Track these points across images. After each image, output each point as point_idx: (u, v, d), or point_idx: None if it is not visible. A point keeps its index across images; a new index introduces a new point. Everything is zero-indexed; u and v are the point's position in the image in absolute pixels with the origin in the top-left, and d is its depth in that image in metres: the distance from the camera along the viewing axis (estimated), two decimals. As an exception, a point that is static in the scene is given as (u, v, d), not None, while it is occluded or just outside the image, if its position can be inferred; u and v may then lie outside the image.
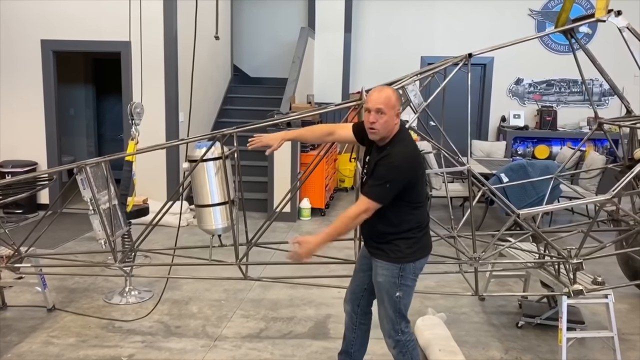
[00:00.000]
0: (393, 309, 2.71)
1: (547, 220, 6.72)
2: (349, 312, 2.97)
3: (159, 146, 3.74)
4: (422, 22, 9.63)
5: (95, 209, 3.44)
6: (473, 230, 3.29)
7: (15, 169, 6.72)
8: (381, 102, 2.52)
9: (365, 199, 2.54)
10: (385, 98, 2.52)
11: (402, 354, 2.77)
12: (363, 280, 2.89)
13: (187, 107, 6.62)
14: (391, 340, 2.76)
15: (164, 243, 5.58)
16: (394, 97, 2.56)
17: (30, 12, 6.77)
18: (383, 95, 2.53)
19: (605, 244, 3.57)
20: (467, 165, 3.17)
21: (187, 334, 3.79)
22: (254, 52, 10.10)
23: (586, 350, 3.64)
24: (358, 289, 2.92)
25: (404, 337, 2.75)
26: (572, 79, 9.47)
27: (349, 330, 2.99)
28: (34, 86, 6.88)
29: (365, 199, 2.54)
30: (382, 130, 2.55)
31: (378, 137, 2.59)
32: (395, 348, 2.76)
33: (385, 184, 2.52)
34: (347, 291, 2.98)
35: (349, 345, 3.01)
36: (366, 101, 2.59)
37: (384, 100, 2.52)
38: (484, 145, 8.53)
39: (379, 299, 2.76)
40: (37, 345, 3.59)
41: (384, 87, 2.64)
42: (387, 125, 2.55)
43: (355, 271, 2.95)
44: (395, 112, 2.56)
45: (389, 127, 2.56)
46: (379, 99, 2.53)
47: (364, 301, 2.93)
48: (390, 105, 2.52)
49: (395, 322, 2.73)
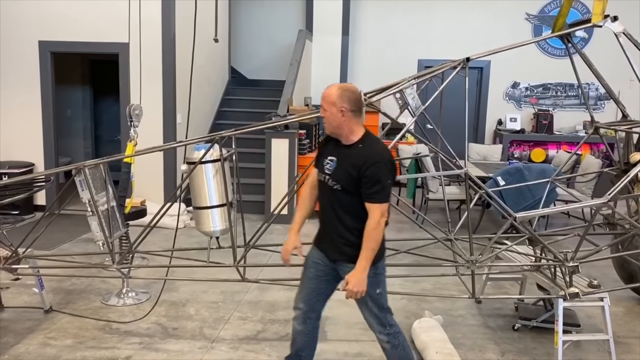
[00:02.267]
0: (377, 306, 2.76)
1: (543, 224, 6.75)
2: (301, 317, 2.92)
3: (158, 148, 3.75)
4: (419, 25, 9.67)
5: (93, 210, 3.44)
6: (470, 233, 3.31)
7: (12, 170, 6.71)
8: (323, 97, 2.65)
9: (376, 205, 2.58)
10: (324, 95, 2.65)
11: (395, 346, 2.83)
12: (318, 285, 2.87)
13: (184, 109, 6.62)
14: (383, 335, 2.81)
15: (161, 245, 5.58)
16: (334, 95, 2.61)
17: (28, 13, 6.76)
18: (324, 93, 2.66)
19: (601, 247, 3.60)
20: (465, 169, 3.19)
21: (184, 335, 3.79)
22: (252, 54, 10.12)
23: (582, 353, 3.66)
24: (313, 295, 2.89)
25: (392, 329, 2.83)
26: (569, 83, 9.53)
27: (300, 335, 2.96)
28: (31, 87, 6.87)
29: (376, 206, 2.58)
30: (328, 123, 2.65)
31: (329, 130, 2.69)
32: (388, 342, 2.82)
33: (386, 182, 2.59)
34: (298, 299, 2.92)
35: (300, 349, 3.00)
36: None
37: (323, 97, 2.65)
38: (481, 149, 8.57)
39: (360, 302, 2.77)
40: (34, 346, 3.58)
41: (333, 85, 2.70)
42: (331, 120, 2.63)
43: (308, 278, 2.88)
44: (337, 109, 2.60)
45: (334, 121, 2.63)
46: (323, 95, 2.66)
47: (318, 306, 2.93)
48: (330, 102, 2.61)
49: (382, 317, 2.79)
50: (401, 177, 7.73)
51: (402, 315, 4.17)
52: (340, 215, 2.69)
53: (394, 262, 3.77)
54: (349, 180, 2.61)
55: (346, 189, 2.64)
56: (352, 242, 2.67)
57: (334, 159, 2.69)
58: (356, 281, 2.59)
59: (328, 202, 2.74)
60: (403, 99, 3.26)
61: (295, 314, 2.94)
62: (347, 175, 2.62)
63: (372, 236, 2.59)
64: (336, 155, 2.70)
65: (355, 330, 3.92)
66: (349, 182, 2.62)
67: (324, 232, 2.83)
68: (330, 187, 2.69)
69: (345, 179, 2.63)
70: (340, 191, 2.65)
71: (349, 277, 2.61)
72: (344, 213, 2.68)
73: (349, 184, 2.62)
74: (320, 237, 2.87)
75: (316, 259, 2.86)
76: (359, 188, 2.60)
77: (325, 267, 2.83)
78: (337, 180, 2.66)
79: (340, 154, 2.69)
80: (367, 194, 2.59)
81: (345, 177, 2.63)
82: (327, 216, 2.77)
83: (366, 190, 2.59)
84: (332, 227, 2.74)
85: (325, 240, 2.81)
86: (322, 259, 2.83)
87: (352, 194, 2.63)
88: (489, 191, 3.36)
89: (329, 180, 2.69)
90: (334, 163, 2.69)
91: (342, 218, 2.69)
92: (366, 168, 2.56)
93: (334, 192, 2.68)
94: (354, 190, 2.62)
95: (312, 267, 2.87)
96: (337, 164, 2.68)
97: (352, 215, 2.66)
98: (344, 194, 2.65)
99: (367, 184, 2.57)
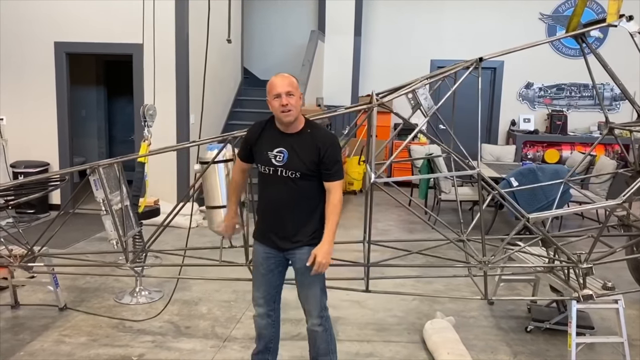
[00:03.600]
0: (321, 287, 2.88)
1: (556, 225, 6.69)
2: (264, 313, 2.98)
3: (171, 148, 3.78)
4: (431, 25, 9.64)
5: (107, 209, 3.47)
6: (483, 234, 3.29)
7: (27, 170, 6.80)
8: (287, 84, 2.70)
9: (338, 182, 2.76)
10: (289, 81, 2.71)
11: (326, 330, 2.93)
12: (274, 279, 2.94)
13: (197, 109, 6.65)
14: (318, 318, 2.90)
15: (173, 244, 5.61)
16: (295, 80, 2.76)
17: (44, 15, 6.85)
18: (287, 80, 2.71)
19: (615, 249, 3.56)
20: (477, 169, 3.17)
21: (196, 334, 3.82)
22: (264, 55, 10.15)
23: (595, 355, 3.63)
24: (272, 289, 2.95)
25: (327, 312, 2.95)
26: (583, 84, 9.45)
27: (267, 329, 3.02)
28: (47, 88, 6.95)
29: (337, 183, 2.76)
30: (295, 110, 2.70)
31: (294, 117, 2.71)
32: (321, 325, 2.91)
33: (341, 160, 2.77)
34: (257, 297, 2.97)
35: (268, 342, 3.06)
36: (271, 89, 2.73)
37: (289, 83, 2.71)
38: (494, 149, 8.52)
39: (307, 284, 2.84)
40: (49, 343, 3.63)
41: (283, 73, 2.79)
42: (298, 104, 2.71)
43: (261, 275, 2.92)
44: (299, 94, 2.74)
45: (299, 106, 2.72)
46: (285, 83, 2.70)
47: (278, 296, 3.01)
48: (295, 87, 2.72)
49: (322, 300, 2.90)
50: (413, 178, 7.76)
51: (414, 316, 4.17)
52: (298, 202, 2.77)
53: (406, 263, 3.77)
54: (309, 165, 2.71)
55: (305, 174, 2.72)
56: (309, 226, 2.79)
57: (283, 149, 2.75)
58: (324, 253, 2.69)
59: (281, 193, 2.78)
60: (415, 99, 3.26)
61: (257, 311, 3.00)
62: (307, 161, 2.71)
63: (337, 209, 2.73)
64: (285, 145, 2.75)
65: (367, 330, 3.92)
66: (309, 167, 2.71)
67: (273, 224, 2.84)
68: (285, 177, 2.74)
69: (304, 165, 2.71)
70: (299, 178, 2.73)
71: (316, 250, 2.70)
72: (301, 199, 2.77)
73: (308, 169, 2.72)
74: (266, 231, 2.89)
75: (265, 253, 2.90)
76: (317, 171, 2.72)
77: (276, 258, 2.89)
78: (295, 169, 2.72)
79: (290, 143, 2.75)
80: (328, 174, 2.73)
81: (304, 164, 2.71)
82: (279, 207, 2.80)
83: (327, 170, 2.73)
84: (287, 216, 2.79)
85: (277, 231, 2.83)
86: (271, 251, 2.88)
87: (309, 178, 2.74)
88: (502, 192, 3.34)
89: (283, 172, 2.74)
90: (284, 154, 2.74)
91: (300, 204, 2.77)
92: (325, 150, 2.70)
93: (290, 180, 2.74)
94: (313, 174, 2.73)
95: (264, 263, 2.91)
96: (289, 154, 2.73)
97: (308, 199, 2.77)
98: (301, 180, 2.73)
99: (328, 164, 2.72)
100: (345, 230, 6.74)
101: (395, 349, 3.67)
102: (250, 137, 2.91)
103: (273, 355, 3.11)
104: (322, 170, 2.72)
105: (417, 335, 3.84)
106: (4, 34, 6.93)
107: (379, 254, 3.68)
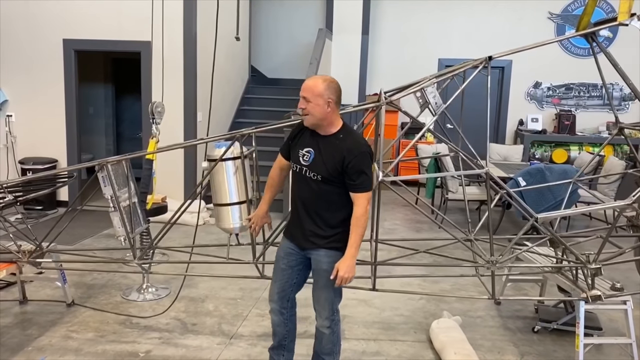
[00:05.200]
0: (336, 292, 2.86)
1: (564, 225, 6.66)
2: (277, 310, 3.00)
3: (179, 145, 3.78)
4: (439, 24, 9.61)
5: (115, 206, 3.48)
6: (490, 234, 3.27)
7: (36, 166, 6.84)
8: (306, 89, 2.67)
9: (363, 194, 2.67)
10: (310, 87, 2.66)
11: (333, 332, 2.92)
12: (291, 276, 2.94)
13: (205, 107, 6.67)
14: (328, 320, 2.89)
15: (180, 241, 5.63)
16: (321, 86, 2.66)
17: (53, 12, 6.88)
18: (309, 84, 2.67)
19: (624, 250, 3.54)
20: (486, 168, 3.16)
21: (203, 331, 3.83)
22: (272, 53, 10.15)
23: (603, 356, 3.61)
24: (287, 286, 2.96)
25: (338, 315, 2.94)
26: (592, 83, 9.39)
27: (280, 327, 3.04)
28: (55, 85, 6.99)
29: (363, 195, 2.67)
30: (312, 114, 2.66)
31: (311, 122, 2.69)
32: (329, 328, 2.90)
33: (369, 172, 2.68)
34: (272, 292, 2.99)
35: (282, 339, 3.07)
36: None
37: (308, 88, 2.66)
38: (501, 149, 8.49)
39: (322, 286, 2.83)
40: (57, 339, 3.65)
41: (318, 76, 2.76)
42: (316, 110, 2.65)
43: (280, 270, 2.95)
44: (324, 101, 2.64)
45: (319, 112, 2.65)
46: (305, 87, 2.68)
47: (292, 295, 3.01)
48: (317, 94, 2.63)
49: (335, 302, 2.89)
50: (420, 177, 7.74)
51: (420, 315, 4.16)
52: (318, 204, 2.75)
53: (413, 262, 3.76)
54: (332, 171, 2.67)
55: (327, 179, 2.69)
56: (326, 230, 2.76)
57: (312, 150, 2.74)
58: (346, 267, 2.66)
59: (304, 192, 2.78)
60: (424, 97, 3.25)
61: (271, 307, 3.02)
62: (329, 166, 2.67)
63: (361, 222, 2.66)
64: (313, 146, 2.74)
65: (373, 329, 3.92)
66: (331, 173, 2.68)
67: (296, 222, 2.87)
68: (308, 177, 2.74)
69: (326, 169, 2.68)
70: (320, 181, 2.71)
71: (339, 264, 2.68)
72: (322, 202, 2.75)
73: (330, 175, 2.68)
74: (291, 226, 2.92)
75: (288, 249, 2.92)
76: (341, 178, 2.67)
77: (297, 256, 2.89)
78: (317, 171, 2.71)
79: (318, 144, 2.73)
80: (353, 185, 2.67)
81: (326, 168, 2.68)
82: (302, 205, 2.82)
83: (351, 181, 2.66)
84: (306, 216, 2.79)
85: (298, 229, 2.85)
86: (294, 248, 2.89)
87: (332, 183, 2.70)
88: (511, 191, 3.32)
89: (307, 172, 2.74)
90: (311, 154, 2.73)
91: (318, 207, 2.76)
92: (350, 159, 2.63)
93: (313, 182, 2.73)
94: (335, 180, 2.69)
95: (285, 258, 2.93)
96: (315, 155, 2.72)
97: (329, 204, 2.74)
98: (323, 184, 2.71)
99: (352, 175, 2.65)
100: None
101: (402, 348, 3.66)
102: (292, 133, 2.90)
103: (289, 353, 3.11)
104: (346, 179, 2.67)
105: (423, 335, 3.83)
106: (13, 32, 6.97)
107: (386, 253, 3.67)
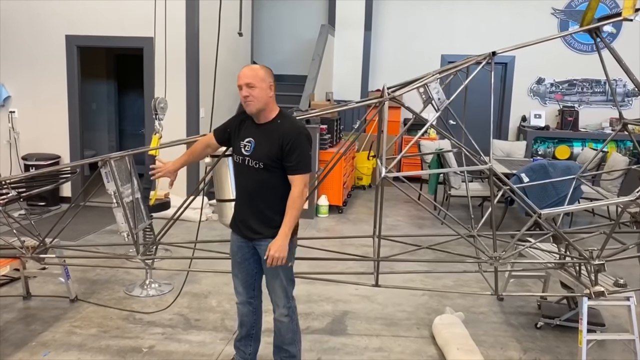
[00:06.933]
0: (287, 278, 2.88)
1: (567, 222, 6.65)
2: (245, 301, 3.02)
3: (182, 141, 3.79)
4: (442, 20, 9.59)
5: (118, 202, 3.49)
6: (494, 230, 3.27)
7: (39, 162, 6.85)
8: (249, 76, 2.69)
9: (300, 176, 2.70)
10: (253, 73, 2.70)
11: (292, 320, 2.94)
12: (249, 267, 2.95)
13: (207, 103, 6.67)
14: (285, 309, 2.91)
15: (183, 237, 5.64)
16: (261, 72, 2.72)
17: (56, 9, 6.87)
18: (251, 72, 2.71)
19: (627, 246, 3.53)
20: (489, 164, 3.15)
21: (206, 327, 3.84)
22: (274, 49, 10.13)
23: (606, 352, 3.61)
24: (249, 277, 2.98)
25: (293, 302, 2.96)
26: (595, 79, 9.36)
27: (248, 316, 3.06)
28: (58, 81, 6.99)
29: (299, 177, 2.70)
30: (257, 100, 2.69)
31: (255, 108, 2.72)
32: (287, 316, 2.92)
33: (307, 153, 2.72)
34: (237, 285, 3.02)
35: (250, 329, 3.10)
36: (237, 80, 2.74)
37: (252, 75, 2.70)
38: (504, 145, 8.47)
39: (273, 275, 2.85)
40: (60, 334, 3.66)
41: (253, 65, 2.81)
42: (261, 96, 2.69)
43: (238, 264, 2.96)
44: (267, 85, 2.71)
45: (263, 98, 2.70)
46: (247, 75, 2.70)
47: (257, 284, 3.03)
48: (259, 79, 2.69)
49: (289, 290, 2.90)
50: (423, 173, 7.74)
51: (423, 311, 4.16)
52: (262, 193, 2.77)
53: (416, 258, 3.76)
54: (272, 157, 2.69)
55: (269, 165, 2.71)
56: (272, 218, 2.77)
57: (252, 139, 2.76)
58: (278, 247, 2.67)
59: (248, 182, 2.79)
60: (427, 93, 3.24)
61: (239, 300, 3.04)
62: (270, 153, 2.70)
63: (296, 204, 2.69)
64: (253, 135, 2.77)
65: (376, 325, 3.92)
66: (272, 159, 2.70)
67: (242, 215, 2.87)
68: (250, 167, 2.75)
69: (267, 156, 2.70)
70: (262, 169, 2.73)
71: (272, 244, 2.69)
72: (266, 190, 2.76)
73: (272, 161, 2.70)
74: (237, 220, 2.92)
75: (238, 242, 2.94)
76: (281, 163, 2.70)
77: (248, 248, 2.91)
78: (259, 159, 2.73)
79: (257, 133, 2.76)
80: (290, 167, 2.70)
81: (267, 155, 2.70)
82: (247, 197, 2.83)
83: (289, 163, 2.69)
84: (251, 206, 2.80)
85: (244, 222, 2.86)
86: (243, 240, 2.90)
87: (273, 170, 2.72)
88: (514, 187, 3.32)
89: (249, 161, 2.75)
90: (252, 144, 2.76)
91: (263, 196, 2.77)
92: (287, 140, 2.67)
93: (256, 171, 2.74)
94: (277, 166, 2.71)
95: (238, 252, 2.95)
96: (255, 144, 2.75)
97: (274, 191, 2.75)
98: (265, 171, 2.73)
99: (289, 156, 2.68)
100: (354, 224, 6.74)
101: (405, 344, 3.67)
102: (232, 123, 2.93)
103: (255, 342, 3.15)
104: (285, 162, 2.70)
105: (426, 331, 3.84)
106: (16, 28, 6.97)
107: (388, 249, 3.68)
